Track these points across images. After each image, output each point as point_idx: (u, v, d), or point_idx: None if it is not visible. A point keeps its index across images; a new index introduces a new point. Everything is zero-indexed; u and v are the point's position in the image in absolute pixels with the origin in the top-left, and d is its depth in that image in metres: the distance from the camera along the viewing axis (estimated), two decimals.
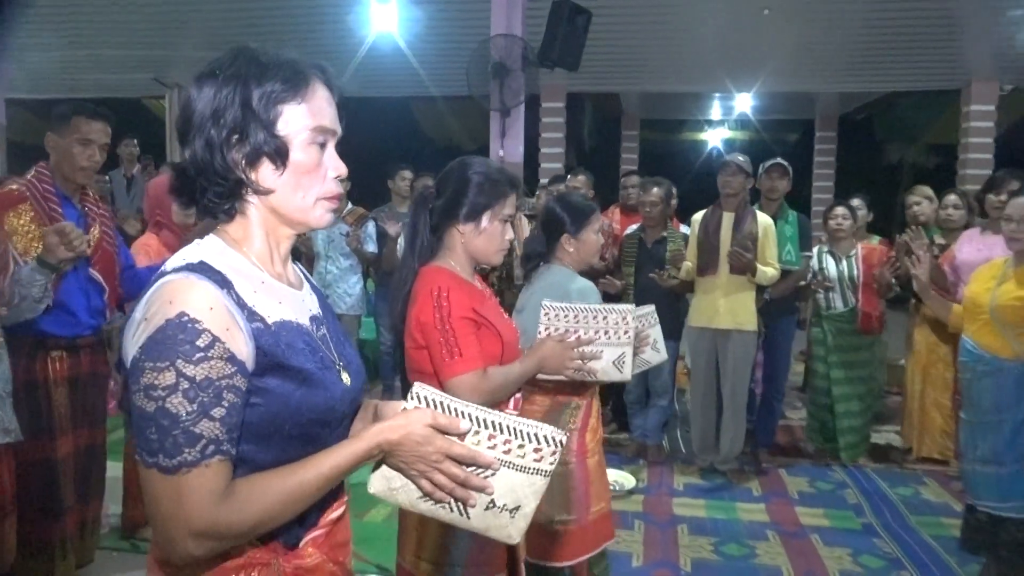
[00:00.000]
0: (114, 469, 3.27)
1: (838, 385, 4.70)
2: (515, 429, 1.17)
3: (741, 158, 4.35)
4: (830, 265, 4.71)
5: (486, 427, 1.17)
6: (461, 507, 1.19)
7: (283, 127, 1.11)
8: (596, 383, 2.47)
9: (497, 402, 1.94)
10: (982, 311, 2.95)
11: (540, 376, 2.17)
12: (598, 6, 6.31)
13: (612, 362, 2.25)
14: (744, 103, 9.92)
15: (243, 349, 1.04)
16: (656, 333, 2.69)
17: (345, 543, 1.27)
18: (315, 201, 1.15)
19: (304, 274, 1.32)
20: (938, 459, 4.65)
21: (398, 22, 7.09)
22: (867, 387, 4.83)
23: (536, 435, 1.18)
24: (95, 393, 2.97)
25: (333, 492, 1.21)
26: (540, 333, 2.20)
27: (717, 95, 10.18)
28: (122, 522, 3.44)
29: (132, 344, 1.03)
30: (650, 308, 2.71)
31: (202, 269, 1.06)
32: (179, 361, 0.99)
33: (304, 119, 1.12)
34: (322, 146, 1.15)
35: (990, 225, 4.13)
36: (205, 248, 1.12)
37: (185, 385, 0.98)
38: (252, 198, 1.14)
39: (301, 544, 1.17)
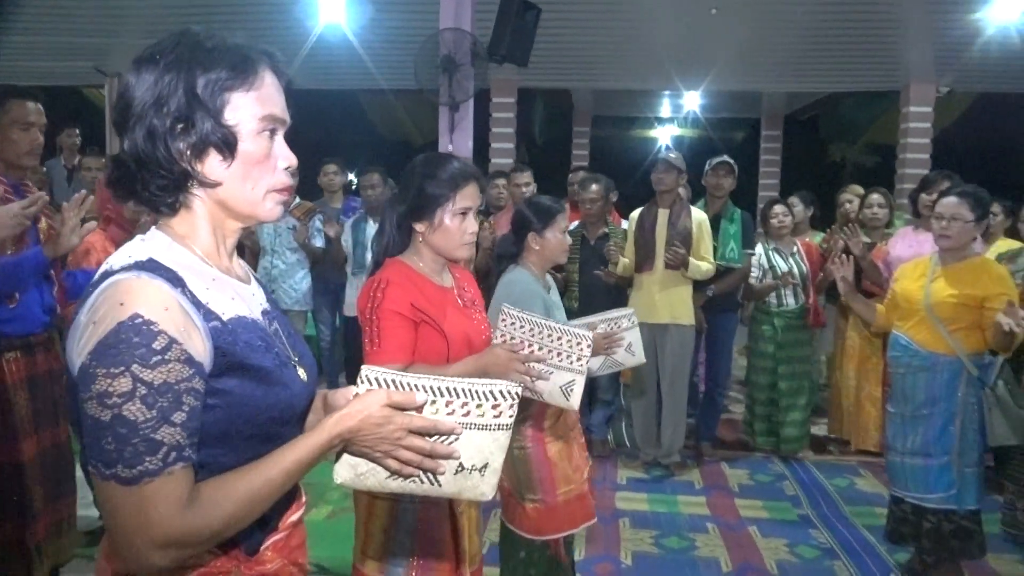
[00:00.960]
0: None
1: (785, 380, 4.79)
2: (471, 391, 1.16)
3: (673, 155, 4.46)
4: (779, 263, 4.79)
5: (442, 395, 1.15)
6: (432, 477, 1.17)
7: (231, 116, 1.06)
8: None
9: None
10: (917, 308, 3.02)
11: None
12: (548, 2, 6.32)
13: (560, 387, 2.15)
14: (693, 101, 10.04)
15: (200, 350, 1.00)
16: (632, 336, 2.73)
17: (303, 544, 1.25)
18: (265, 193, 1.11)
19: (247, 268, 1.28)
20: (873, 452, 4.78)
21: (346, 13, 7.00)
22: (809, 381, 4.95)
23: (492, 392, 1.17)
24: (54, 390, 2.88)
25: (291, 494, 1.18)
26: (496, 337, 2.18)
27: (667, 93, 10.27)
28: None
29: (79, 350, 0.97)
30: (629, 311, 2.75)
31: (152, 267, 1.01)
32: (135, 366, 0.94)
33: (253, 108, 1.07)
34: (271, 136, 1.11)
35: (923, 223, 4.26)
36: (151, 244, 1.07)
37: (143, 391, 0.93)
38: (198, 191, 1.09)
39: (262, 548, 1.14)
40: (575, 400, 2.18)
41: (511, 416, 1.19)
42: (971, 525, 2.96)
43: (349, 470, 1.17)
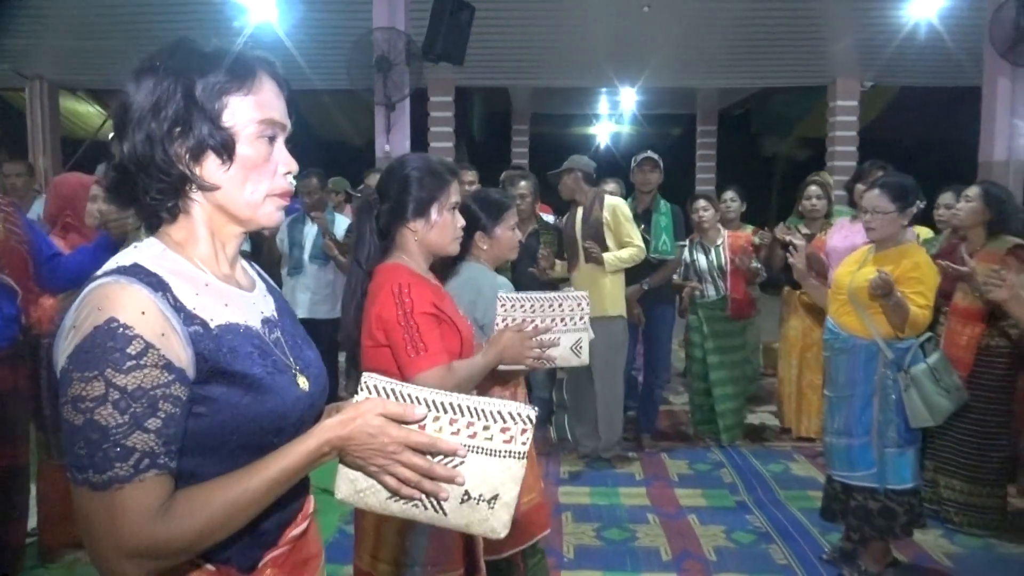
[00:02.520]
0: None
1: (715, 370, 4.90)
2: (476, 410, 1.09)
3: (576, 157, 4.56)
4: (700, 256, 4.90)
5: (445, 410, 1.08)
6: (435, 503, 1.10)
7: (229, 119, 1.05)
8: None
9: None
10: (841, 292, 3.13)
11: (501, 367, 2.13)
12: (482, 0, 6.33)
13: (570, 348, 2.30)
14: (630, 98, 10.17)
15: (181, 355, 0.98)
16: (584, 336, 2.73)
17: (310, 559, 1.20)
18: (264, 197, 1.10)
19: (262, 276, 1.27)
20: (815, 438, 4.90)
21: (277, 12, 6.89)
22: (741, 371, 5.06)
23: (500, 413, 1.09)
24: (15, 409, 2.76)
25: (295, 506, 1.16)
26: (498, 324, 2.19)
27: (604, 90, 10.40)
28: (39, 547, 3.21)
29: (61, 354, 0.96)
30: (583, 293, 2.76)
31: (134, 272, 1.00)
32: (108, 370, 0.92)
33: (251, 111, 1.07)
34: (271, 140, 1.10)
35: (859, 213, 4.38)
36: (141, 251, 1.06)
37: (115, 396, 0.92)
38: (196, 195, 1.08)
39: (260, 565, 1.10)
40: (585, 355, 2.34)
41: (524, 443, 1.10)
42: (895, 505, 3.07)
43: (348, 485, 1.13)
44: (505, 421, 1.09)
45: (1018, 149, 6.08)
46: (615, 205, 4.46)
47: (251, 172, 1.08)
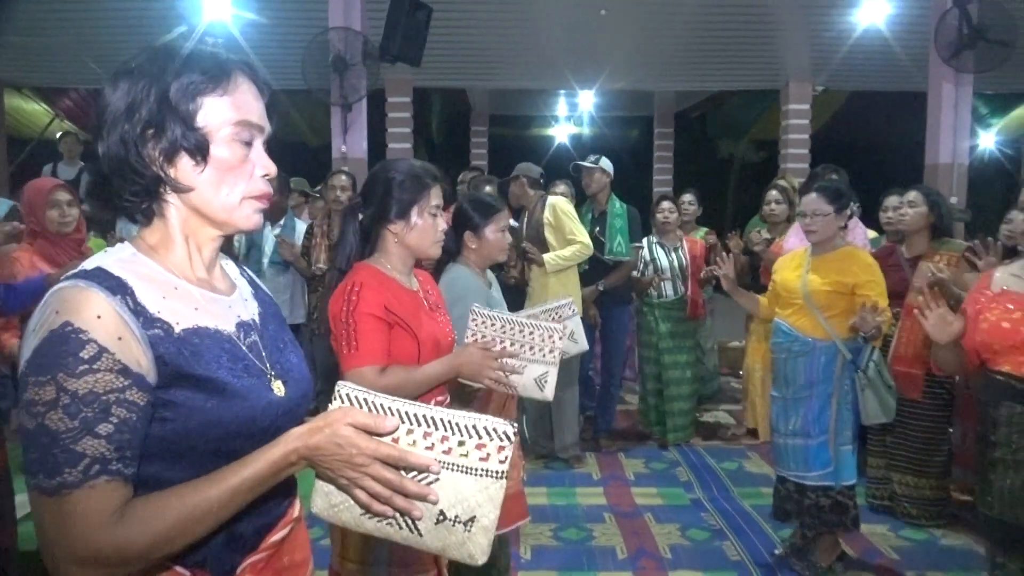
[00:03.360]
0: None
1: (670, 369, 4.96)
2: (451, 423, 1.04)
3: (522, 165, 4.67)
4: (661, 256, 4.95)
5: (419, 423, 1.04)
6: (410, 523, 1.07)
7: (203, 120, 1.05)
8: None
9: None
10: (796, 297, 3.19)
11: (462, 381, 2.11)
12: (440, 1, 6.32)
13: (534, 379, 2.20)
14: (588, 100, 10.24)
15: (141, 359, 0.97)
16: (574, 324, 2.76)
17: (294, 566, 1.18)
18: (241, 200, 1.09)
19: (253, 281, 1.26)
20: None
21: (231, 10, 6.79)
22: (694, 371, 5.13)
23: (475, 428, 1.04)
24: None
25: (277, 511, 1.15)
26: (467, 337, 2.20)
27: (562, 92, 10.45)
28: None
29: (21, 358, 0.97)
30: (568, 300, 2.78)
31: (95, 276, 0.99)
32: (60, 375, 0.92)
33: (226, 112, 1.06)
34: (248, 143, 1.09)
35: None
36: (108, 255, 1.06)
37: (65, 400, 0.91)
38: (171, 198, 1.08)
39: (239, 570, 1.09)
40: (549, 391, 2.23)
41: (502, 462, 1.05)
42: (846, 500, 3.16)
43: (323, 499, 1.10)
44: (480, 437, 1.05)
45: (962, 152, 6.25)
46: (555, 203, 4.48)
47: (226, 174, 1.08)
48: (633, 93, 10.22)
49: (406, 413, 1.05)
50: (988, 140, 10.58)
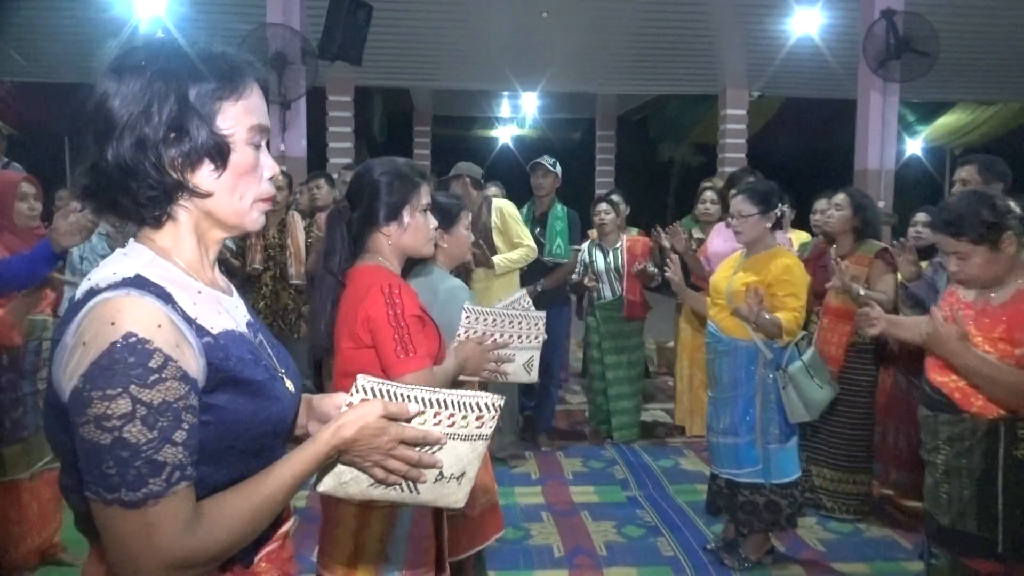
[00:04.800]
0: None
1: (611, 369, 5.02)
2: (458, 403, 1.19)
3: (463, 164, 4.66)
4: (598, 258, 5.01)
5: (431, 405, 1.17)
6: (412, 485, 1.20)
7: (223, 124, 1.04)
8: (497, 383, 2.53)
9: None
10: (720, 297, 3.27)
11: (460, 377, 2.19)
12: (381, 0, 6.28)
13: (523, 365, 2.36)
14: (531, 102, 10.30)
15: (193, 366, 0.98)
16: (534, 354, 2.77)
17: (292, 556, 1.23)
18: (252, 203, 1.10)
19: (227, 280, 1.25)
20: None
21: (167, 5, 6.64)
22: (637, 371, 5.20)
23: (477, 404, 1.20)
24: None
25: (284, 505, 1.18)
26: (460, 335, 2.23)
27: (506, 93, 10.50)
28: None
29: (69, 373, 0.94)
30: (521, 293, 2.79)
31: (140, 283, 0.98)
32: (132, 386, 0.91)
33: (243, 117, 1.06)
34: (258, 146, 1.09)
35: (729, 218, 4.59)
36: (136, 260, 1.03)
37: (142, 412, 0.91)
38: (186, 202, 1.06)
39: (256, 560, 1.12)
40: (535, 373, 2.42)
41: (491, 427, 1.23)
42: (779, 498, 3.23)
43: (334, 479, 1.18)
44: (480, 411, 1.21)
45: (889, 158, 6.49)
46: (502, 207, 4.52)
47: (240, 178, 1.08)
48: (576, 95, 10.33)
49: (419, 398, 1.17)
50: (915, 147, 10.98)
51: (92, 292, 0.99)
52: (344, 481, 1.18)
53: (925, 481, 2.41)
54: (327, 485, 1.19)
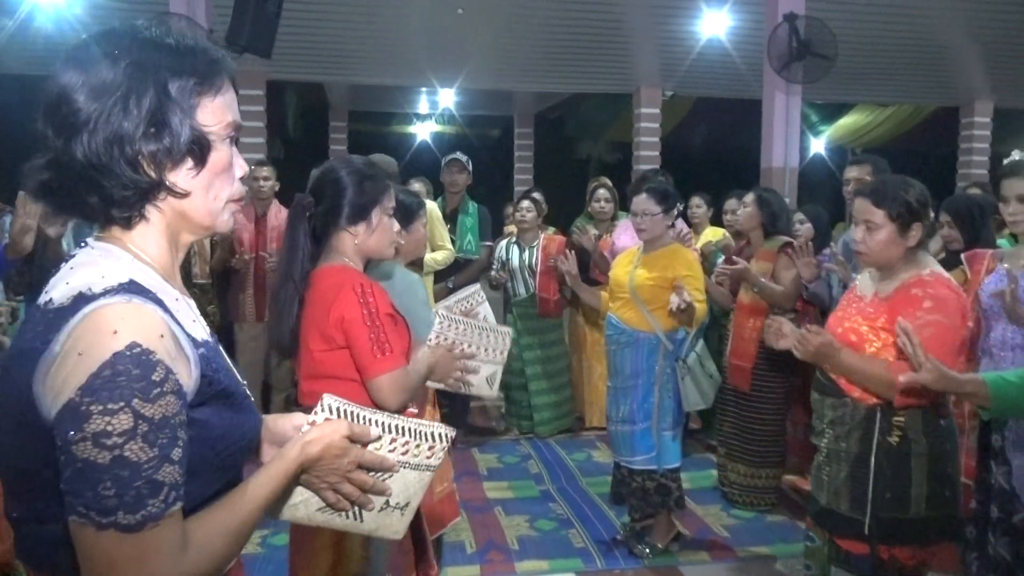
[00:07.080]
0: None
1: (530, 365, 5.07)
2: (413, 430, 1.19)
3: (377, 156, 4.61)
4: (514, 255, 5.04)
5: (388, 431, 1.16)
6: (357, 512, 1.19)
7: (203, 121, 0.98)
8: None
9: (411, 402, 2.00)
10: (623, 291, 3.35)
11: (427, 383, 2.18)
12: None
13: (486, 378, 2.36)
14: (448, 98, 10.25)
15: (186, 379, 0.92)
16: (485, 310, 2.78)
17: (242, 564, 1.20)
18: (224, 204, 1.05)
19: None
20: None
21: None
22: (557, 365, 5.26)
23: (431, 434, 1.20)
24: None
25: None
26: (431, 340, 2.19)
27: (423, 90, 10.41)
28: None
29: (58, 385, 0.85)
30: (475, 287, 2.79)
31: (138, 290, 0.91)
32: (135, 400, 0.85)
33: (221, 114, 1.01)
34: (233, 143, 1.05)
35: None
36: (117, 262, 0.95)
37: (144, 428, 0.85)
38: (160, 201, 0.99)
39: (228, 569, 1.06)
40: (495, 388, 2.42)
41: (439, 459, 1.24)
42: (669, 482, 3.36)
43: (282, 500, 1.15)
44: (432, 440, 1.21)
45: (793, 157, 6.73)
46: (431, 210, 4.49)
47: (215, 177, 1.02)
48: (494, 93, 10.33)
49: (380, 423, 1.17)
50: (819, 146, 11.42)
51: (83, 298, 0.89)
52: (294, 503, 1.16)
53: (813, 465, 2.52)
54: (275, 507, 1.15)
